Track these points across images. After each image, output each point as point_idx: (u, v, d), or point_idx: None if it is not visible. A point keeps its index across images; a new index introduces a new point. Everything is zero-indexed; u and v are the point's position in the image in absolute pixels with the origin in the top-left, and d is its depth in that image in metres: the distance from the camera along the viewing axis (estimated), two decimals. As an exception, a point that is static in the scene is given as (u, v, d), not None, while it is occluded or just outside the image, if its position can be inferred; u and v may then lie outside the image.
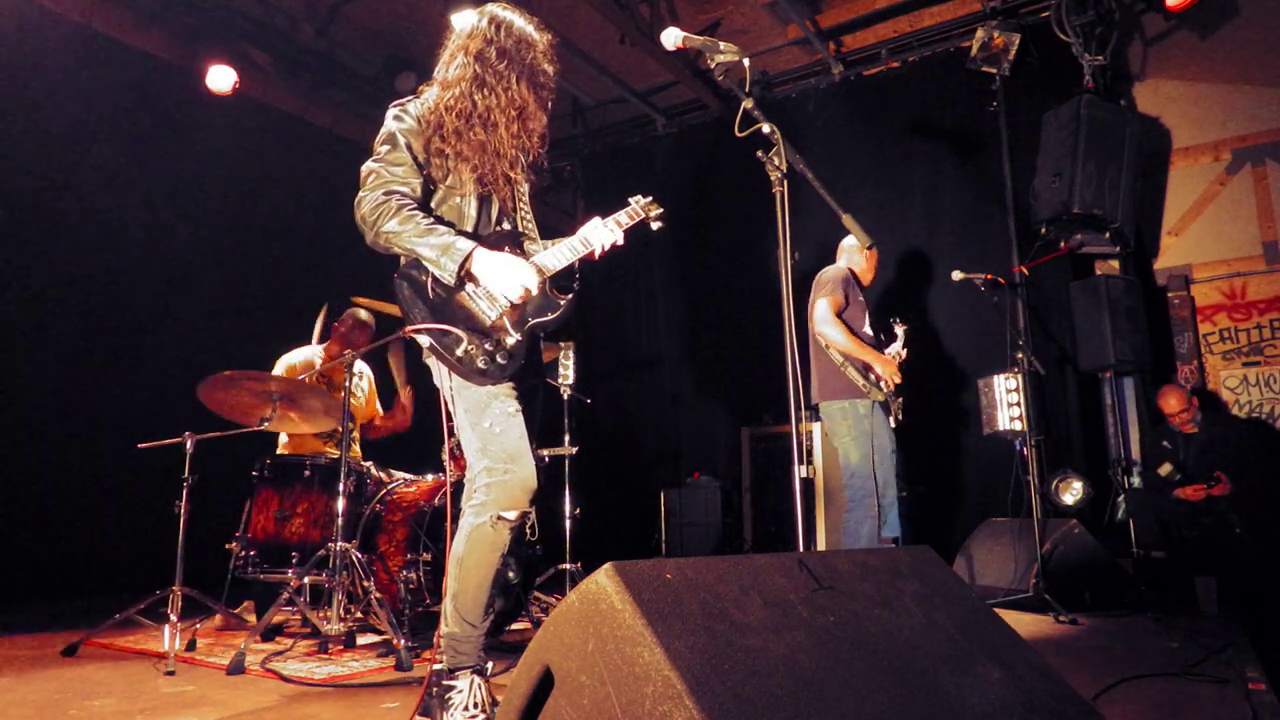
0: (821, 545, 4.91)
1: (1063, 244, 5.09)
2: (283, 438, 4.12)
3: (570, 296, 2.24)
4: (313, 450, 3.95)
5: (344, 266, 5.72)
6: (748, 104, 2.02)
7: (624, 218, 2.30)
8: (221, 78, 5.00)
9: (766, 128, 1.99)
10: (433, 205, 2.19)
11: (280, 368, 4.12)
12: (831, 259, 4.36)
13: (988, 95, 5.35)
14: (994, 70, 5.24)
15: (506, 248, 2.15)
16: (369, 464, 3.84)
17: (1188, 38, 5.48)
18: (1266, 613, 3.84)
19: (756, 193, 2.19)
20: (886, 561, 1.57)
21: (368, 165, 2.14)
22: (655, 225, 2.35)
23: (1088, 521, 4.37)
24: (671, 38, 2.12)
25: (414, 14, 5.58)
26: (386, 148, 2.14)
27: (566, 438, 4.49)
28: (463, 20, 2.26)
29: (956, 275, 4.48)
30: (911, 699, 1.23)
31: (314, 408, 3.56)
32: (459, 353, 2.02)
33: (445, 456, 3.94)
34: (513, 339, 2.08)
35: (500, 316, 2.08)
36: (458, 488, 3.52)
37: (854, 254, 4.29)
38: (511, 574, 3.31)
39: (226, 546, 3.50)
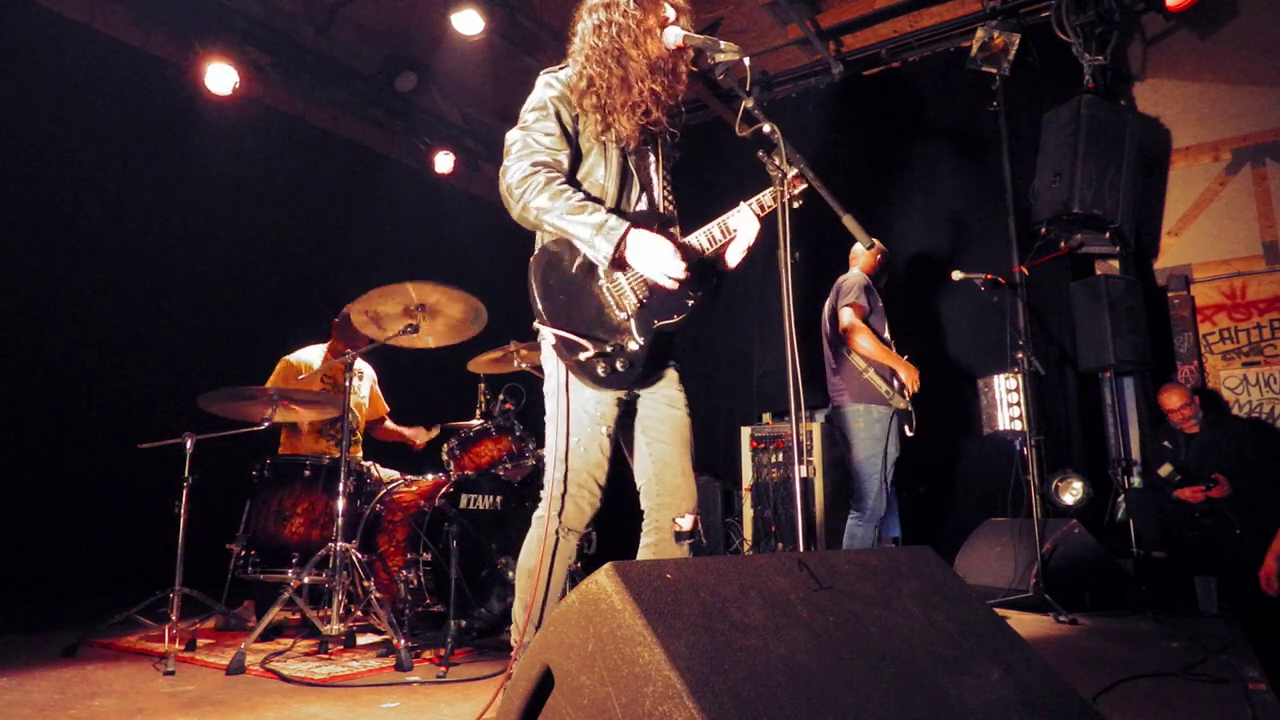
0: (821, 545, 4.91)
1: (1063, 244, 5.08)
2: (282, 437, 4.13)
3: (700, 295, 2.13)
4: (312, 450, 3.96)
5: (343, 266, 5.75)
6: (748, 103, 2.00)
7: (768, 199, 2.12)
8: (221, 78, 4.99)
9: (767, 127, 1.98)
10: (577, 180, 2.11)
11: (280, 365, 4.12)
12: (833, 259, 4.37)
13: (988, 95, 5.35)
14: (994, 70, 5.24)
15: (652, 228, 2.06)
16: (369, 464, 3.84)
17: (1188, 38, 5.48)
18: (1266, 613, 3.84)
19: (756, 193, 2.18)
20: (886, 561, 1.57)
21: (513, 133, 2.07)
22: (797, 204, 2.04)
23: (1088, 521, 4.36)
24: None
25: (414, 14, 5.58)
26: (535, 115, 2.06)
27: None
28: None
29: (956, 275, 4.50)
30: (911, 699, 1.23)
31: (314, 403, 3.58)
32: (581, 358, 1.97)
33: (445, 456, 3.96)
34: (636, 344, 2.02)
35: (629, 318, 2.02)
36: (457, 487, 3.54)
37: (863, 260, 4.33)
38: (512, 574, 3.31)
39: (226, 546, 3.51)
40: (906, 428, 4.08)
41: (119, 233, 4.81)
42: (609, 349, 1.99)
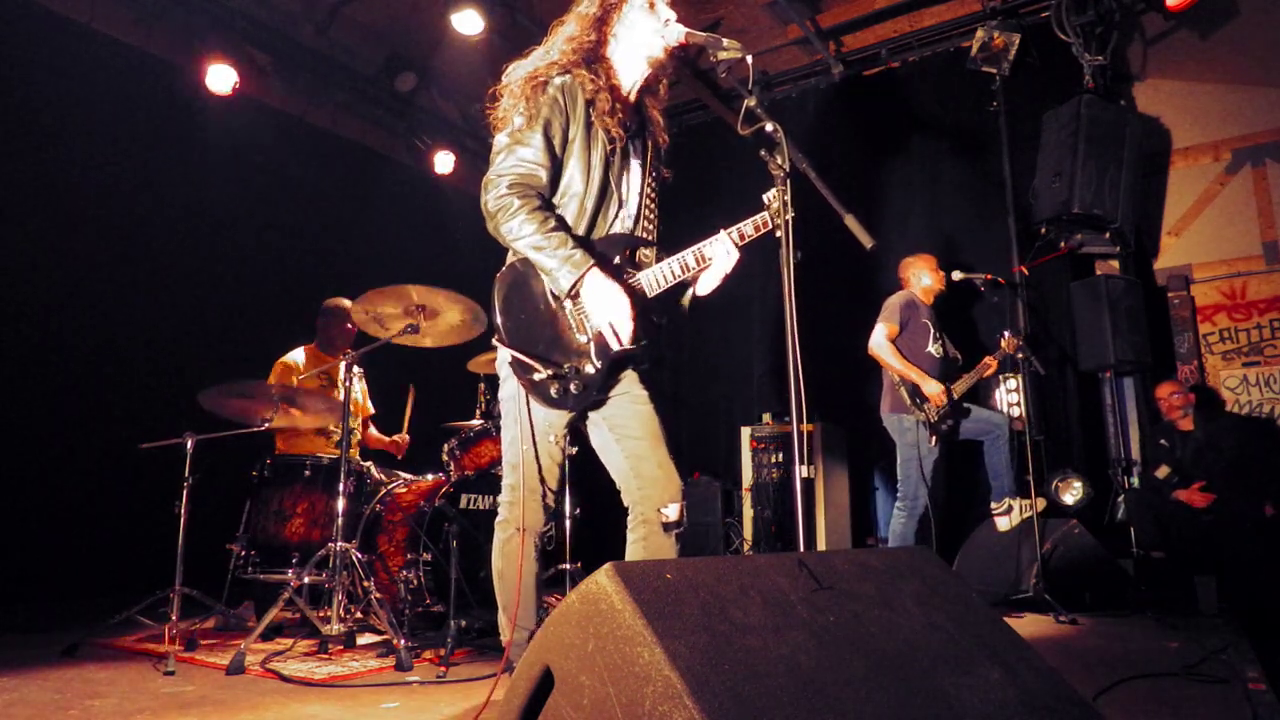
0: (821, 545, 4.92)
1: (1063, 244, 5.08)
2: (278, 436, 4.12)
3: (663, 322, 2.14)
4: (311, 450, 3.95)
5: (343, 266, 5.74)
6: (750, 102, 1.99)
7: (749, 228, 2.11)
8: (221, 78, 4.98)
9: (769, 126, 1.97)
10: (555, 197, 2.11)
11: (276, 367, 4.13)
12: (834, 260, 4.40)
13: (988, 95, 5.35)
14: (994, 70, 5.23)
15: (618, 257, 2.10)
16: (369, 464, 3.84)
17: (1188, 38, 5.48)
18: (1266, 613, 3.84)
19: (758, 193, 2.18)
20: (886, 561, 1.57)
21: (501, 139, 2.07)
22: (779, 233, 2.02)
23: (1088, 521, 4.37)
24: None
25: (414, 14, 5.58)
26: (522, 122, 2.04)
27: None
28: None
29: (956, 275, 4.53)
30: (911, 699, 1.23)
31: (313, 406, 3.57)
32: (535, 378, 2.00)
33: (445, 456, 3.96)
34: (593, 368, 2.03)
35: (589, 341, 2.04)
36: (457, 487, 3.54)
37: (920, 271, 4.58)
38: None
39: (227, 546, 3.50)
40: (934, 438, 4.32)
41: (118, 233, 4.80)
42: (565, 371, 2.01)
